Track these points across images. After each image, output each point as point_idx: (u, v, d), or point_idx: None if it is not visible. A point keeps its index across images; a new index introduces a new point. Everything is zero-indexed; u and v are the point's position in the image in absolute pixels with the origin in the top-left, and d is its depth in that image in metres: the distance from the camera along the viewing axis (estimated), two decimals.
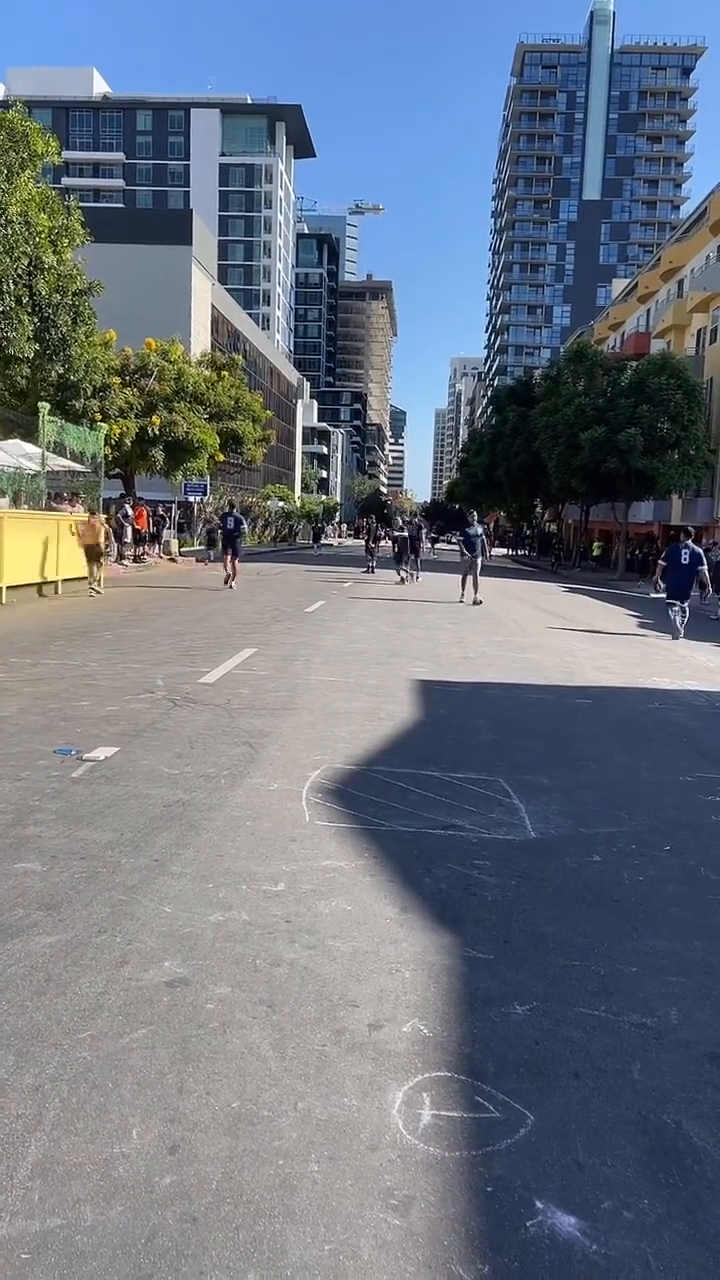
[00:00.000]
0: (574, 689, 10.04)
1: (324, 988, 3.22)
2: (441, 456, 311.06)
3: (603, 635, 16.20)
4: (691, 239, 46.32)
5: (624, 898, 4.23)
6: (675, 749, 7.48)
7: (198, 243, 52.85)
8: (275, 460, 77.91)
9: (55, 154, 18.79)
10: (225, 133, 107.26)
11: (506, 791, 5.81)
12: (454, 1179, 2.33)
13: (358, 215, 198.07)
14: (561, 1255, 2.10)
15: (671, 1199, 2.31)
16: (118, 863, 4.24)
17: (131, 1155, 2.34)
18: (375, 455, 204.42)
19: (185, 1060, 2.75)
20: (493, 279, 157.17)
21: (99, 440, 21.94)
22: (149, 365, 31.52)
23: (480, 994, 3.25)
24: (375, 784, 5.77)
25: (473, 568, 20.51)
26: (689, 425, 34.97)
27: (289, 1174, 2.31)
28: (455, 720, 7.91)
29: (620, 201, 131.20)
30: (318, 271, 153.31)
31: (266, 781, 5.69)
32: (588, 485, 39.15)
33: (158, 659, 10.14)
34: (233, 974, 3.28)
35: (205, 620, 14.33)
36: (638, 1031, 3.09)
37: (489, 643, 13.59)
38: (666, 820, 5.47)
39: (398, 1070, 2.76)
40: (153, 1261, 2.01)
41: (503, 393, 61.84)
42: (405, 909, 3.93)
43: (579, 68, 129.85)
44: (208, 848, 4.49)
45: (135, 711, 7.43)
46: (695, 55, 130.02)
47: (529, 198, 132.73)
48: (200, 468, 34.38)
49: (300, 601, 18.52)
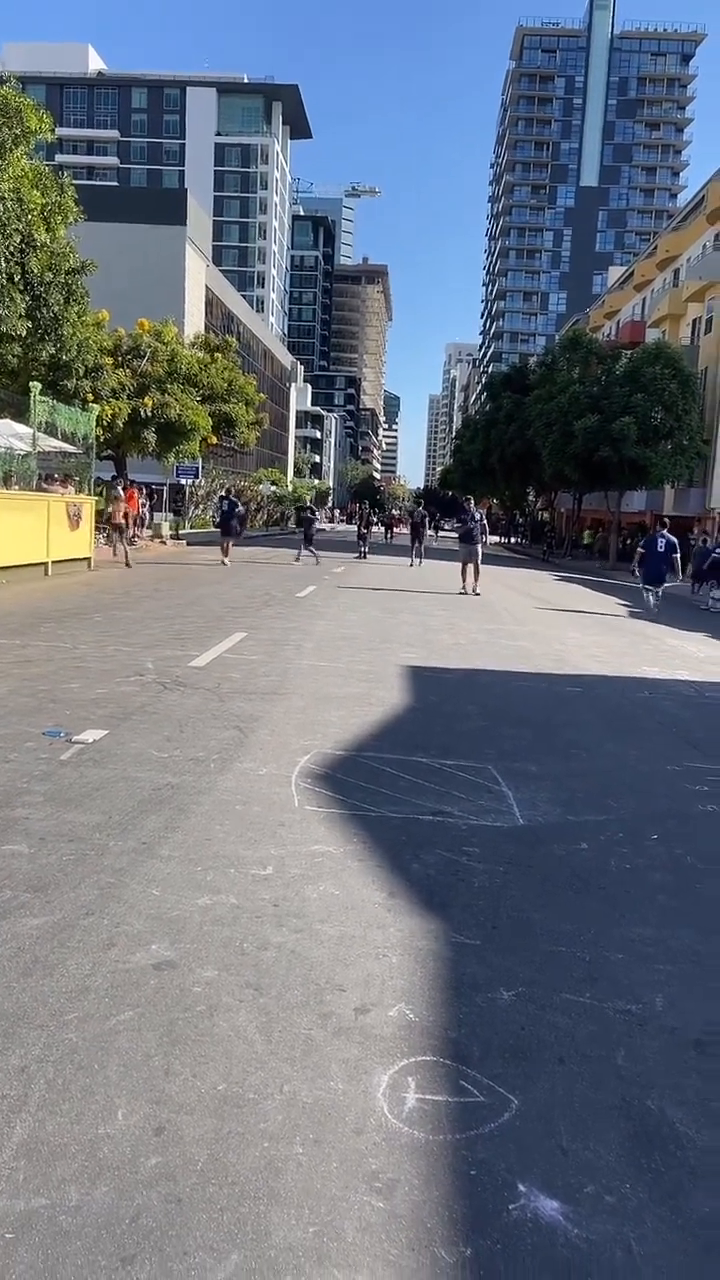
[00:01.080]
0: (564, 677, 10.06)
1: (311, 972, 3.23)
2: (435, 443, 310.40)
3: (593, 623, 16.23)
4: (688, 228, 46.19)
5: (611, 885, 4.25)
6: (664, 738, 7.50)
7: (192, 223, 52.44)
8: (268, 444, 77.62)
9: (49, 130, 18.56)
10: (221, 112, 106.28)
11: (495, 779, 5.83)
12: (438, 1162, 2.34)
13: (354, 198, 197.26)
14: (544, 1239, 2.12)
15: (654, 1184, 2.33)
16: (106, 845, 4.23)
17: (117, 1136, 2.34)
18: (369, 440, 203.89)
19: (172, 1042, 2.75)
20: (489, 265, 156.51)
21: (91, 421, 21.80)
22: (142, 346, 31.30)
23: (466, 979, 3.27)
24: (365, 769, 5.78)
25: (472, 557, 20.09)
26: (683, 415, 34.98)
27: (274, 1156, 2.31)
28: (445, 707, 7.92)
29: (618, 189, 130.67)
30: (313, 254, 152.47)
31: (256, 766, 5.69)
32: (581, 474, 39.16)
33: (148, 642, 10.12)
34: (220, 957, 3.28)
35: (196, 603, 14.29)
36: (623, 1018, 3.10)
37: (480, 630, 13.59)
38: (654, 809, 5.49)
39: (383, 1054, 2.77)
40: (137, 1242, 2.02)
41: (497, 379, 61.73)
42: (393, 894, 3.94)
43: (578, 52, 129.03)
44: (196, 831, 4.49)
45: (125, 694, 7.41)
46: (695, 42, 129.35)
47: (526, 183, 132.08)
48: (192, 450, 34.19)
49: (291, 586, 18.49)
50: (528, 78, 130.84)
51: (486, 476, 61.21)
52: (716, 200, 40.46)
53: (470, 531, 20.32)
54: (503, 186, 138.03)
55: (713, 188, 41.53)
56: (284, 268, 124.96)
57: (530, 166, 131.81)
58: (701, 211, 43.30)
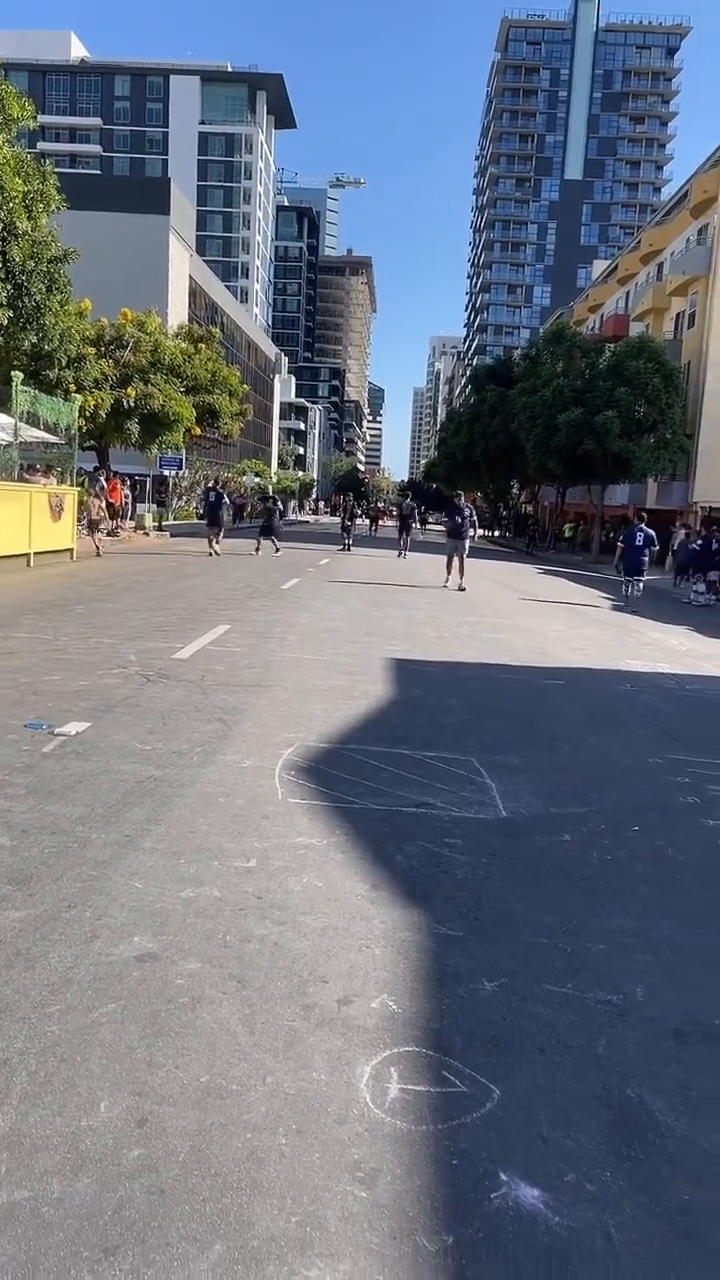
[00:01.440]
0: (547, 670, 10.10)
1: (294, 964, 3.24)
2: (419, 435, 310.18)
3: (575, 616, 16.30)
4: (672, 222, 46.27)
5: (592, 877, 4.27)
6: (646, 731, 7.55)
7: (176, 212, 52.12)
8: (252, 435, 77.38)
9: (31, 118, 18.39)
10: (205, 101, 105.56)
11: (478, 771, 5.85)
12: (420, 1152, 2.35)
13: (338, 189, 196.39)
14: (525, 1227, 2.14)
15: (633, 1172, 2.35)
16: (88, 838, 4.22)
17: (99, 1128, 2.34)
18: (353, 433, 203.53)
19: (155, 1035, 2.75)
20: (473, 257, 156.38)
21: (73, 411, 21.66)
22: (125, 336, 31.11)
23: (449, 970, 3.28)
24: (348, 762, 5.79)
25: (458, 551, 19.87)
26: (666, 409, 35.09)
27: (257, 1147, 2.32)
28: (429, 699, 7.94)
29: (602, 182, 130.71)
30: (297, 245, 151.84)
31: (239, 758, 5.68)
32: (564, 467, 39.23)
33: (131, 633, 10.08)
34: (203, 949, 3.28)
35: (179, 595, 14.25)
36: (604, 1008, 3.13)
37: (463, 623, 13.62)
38: (636, 801, 5.53)
39: (366, 1045, 2.78)
40: (119, 1233, 2.02)
41: (481, 372, 61.74)
42: (376, 886, 3.95)
43: (563, 45, 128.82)
44: (179, 824, 4.49)
45: (107, 686, 7.38)
46: (680, 35, 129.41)
47: (511, 175, 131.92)
48: (176, 442, 34.03)
49: (275, 578, 18.46)
50: (513, 70, 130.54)
51: (470, 469, 61.26)
52: (700, 195, 40.53)
53: (458, 527, 20.04)
54: (487, 179, 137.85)
55: (696, 182, 41.61)
56: (268, 258, 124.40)
57: (515, 159, 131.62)
58: (685, 206, 43.38)
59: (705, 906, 4.06)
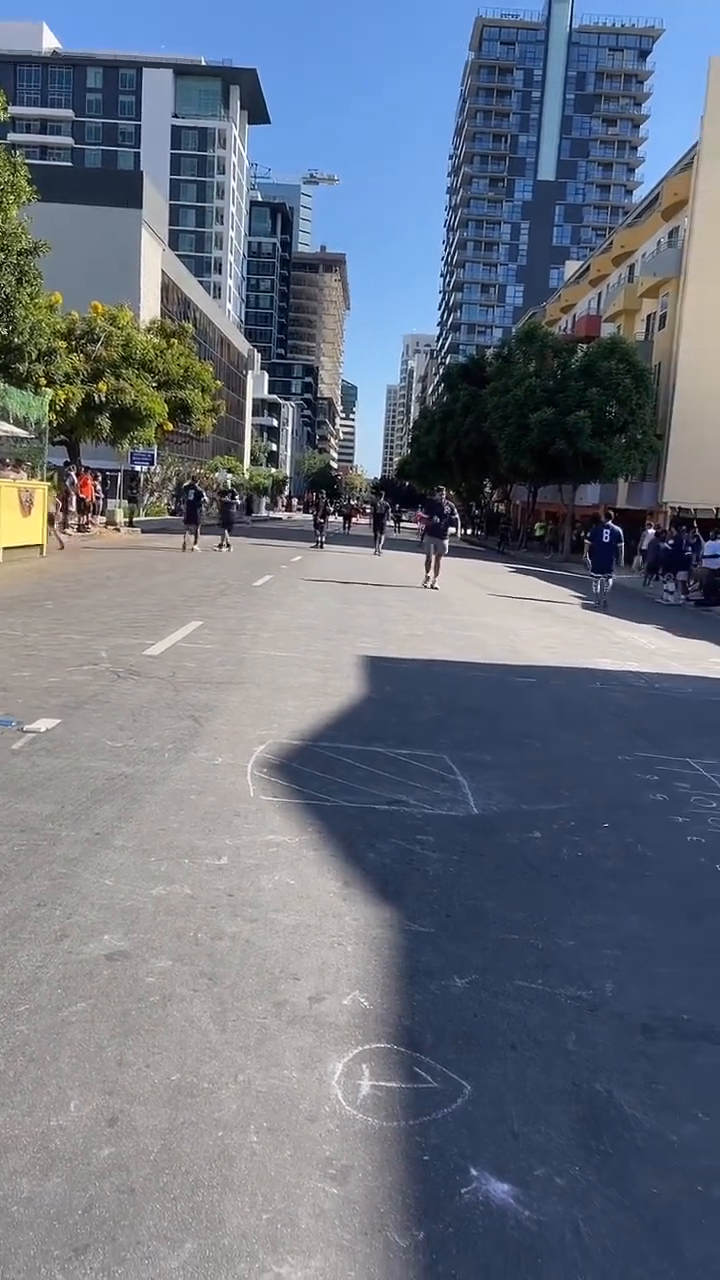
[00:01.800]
0: (518, 668, 10.15)
1: (266, 961, 3.23)
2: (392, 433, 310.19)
3: (547, 615, 16.39)
4: (643, 224, 46.61)
5: (563, 873, 4.30)
6: (615, 729, 7.61)
7: (148, 206, 51.71)
8: (224, 431, 77.01)
9: (1, 109, 18.21)
10: (178, 94, 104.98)
11: (451, 768, 5.87)
12: (391, 1148, 2.36)
13: (312, 185, 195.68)
14: (495, 1221, 2.15)
15: (602, 1166, 2.38)
16: (58, 835, 4.19)
17: (69, 1128, 2.33)
18: (326, 430, 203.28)
19: (125, 1033, 2.74)
20: (447, 256, 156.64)
21: (43, 406, 21.45)
22: (96, 330, 30.85)
23: (421, 967, 3.29)
24: (321, 759, 5.78)
25: (438, 550, 19.24)
26: (636, 410, 35.35)
27: (228, 1145, 2.32)
28: (401, 697, 7.95)
29: (575, 183, 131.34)
30: (271, 241, 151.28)
31: (211, 755, 5.66)
32: (536, 466, 39.39)
33: (101, 630, 10.01)
34: (174, 947, 3.27)
35: (150, 592, 14.16)
36: (573, 1004, 3.15)
37: (436, 620, 13.66)
38: (606, 798, 5.57)
39: (338, 1042, 2.78)
40: (90, 1231, 2.01)
41: (454, 371, 61.82)
42: (348, 883, 3.96)
43: (537, 45, 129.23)
44: (150, 821, 4.46)
45: (78, 683, 7.33)
46: (652, 38, 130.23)
47: (484, 175, 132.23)
48: (148, 437, 33.78)
49: (248, 575, 18.40)
50: (487, 69, 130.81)
51: (443, 468, 61.33)
52: (671, 198, 40.88)
53: (438, 525, 19.41)
54: (461, 178, 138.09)
55: (667, 185, 41.95)
56: (241, 254, 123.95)
57: (488, 159, 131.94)
58: (656, 208, 43.73)
59: (674, 902, 4.11)
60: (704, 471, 36.36)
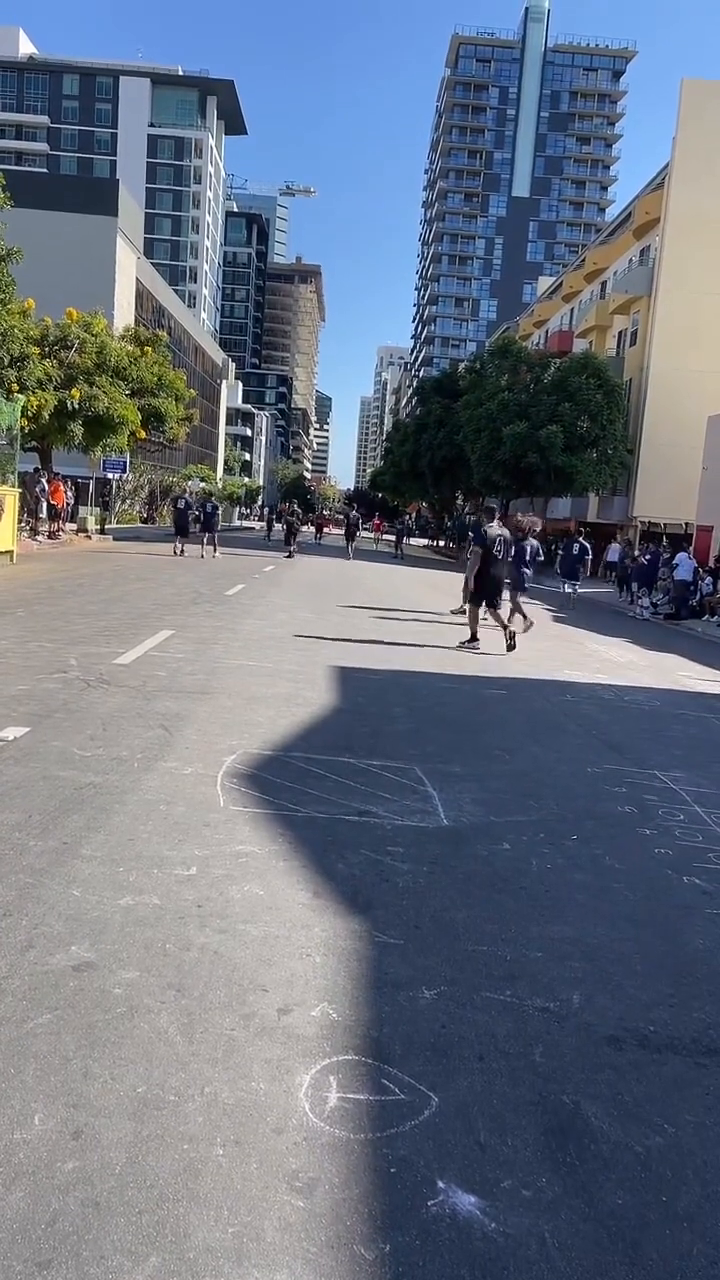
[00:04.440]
0: (489, 679, 10.19)
1: (234, 972, 3.22)
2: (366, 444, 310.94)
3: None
4: (615, 242, 47.22)
5: (532, 885, 4.32)
6: (584, 741, 7.66)
7: (123, 214, 51.60)
8: (198, 440, 76.84)
9: None
10: (155, 103, 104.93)
11: (421, 779, 5.88)
12: (358, 1160, 2.35)
13: (288, 196, 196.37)
14: (461, 1233, 2.15)
15: (568, 1177, 2.38)
16: (25, 845, 4.15)
17: (33, 1141, 2.30)
18: (300, 440, 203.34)
19: (91, 1045, 2.71)
20: (421, 269, 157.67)
21: (15, 412, 21.31)
22: (70, 337, 30.69)
23: (389, 978, 3.29)
24: (291, 770, 5.77)
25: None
26: (608, 425, 35.76)
27: (194, 1158, 2.30)
28: (372, 708, 7.96)
29: (548, 200, 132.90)
30: (246, 251, 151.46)
31: (181, 765, 5.63)
32: (509, 479, 39.70)
33: (72, 638, 9.94)
34: (141, 958, 3.25)
35: (122, 600, 14.08)
36: (541, 1015, 3.16)
37: (407, 630, 13.68)
38: (575, 810, 5.61)
39: (306, 1054, 2.78)
40: (53, 1246, 1.99)
41: (428, 384, 62.23)
42: (318, 894, 3.95)
43: (512, 64, 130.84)
44: (119, 831, 4.43)
45: (47, 691, 7.27)
46: (626, 59, 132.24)
47: (459, 190, 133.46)
48: (120, 444, 33.63)
49: (220, 584, 18.35)
50: (462, 86, 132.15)
51: (416, 480, 61.64)
52: (642, 216, 41.47)
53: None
54: (436, 193, 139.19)
55: (639, 204, 42.56)
56: (216, 264, 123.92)
57: (463, 174, 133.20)
58: (628, 227, 44.33)
59: (641, 914, 4.14)
60: (673, 487, 36.80)
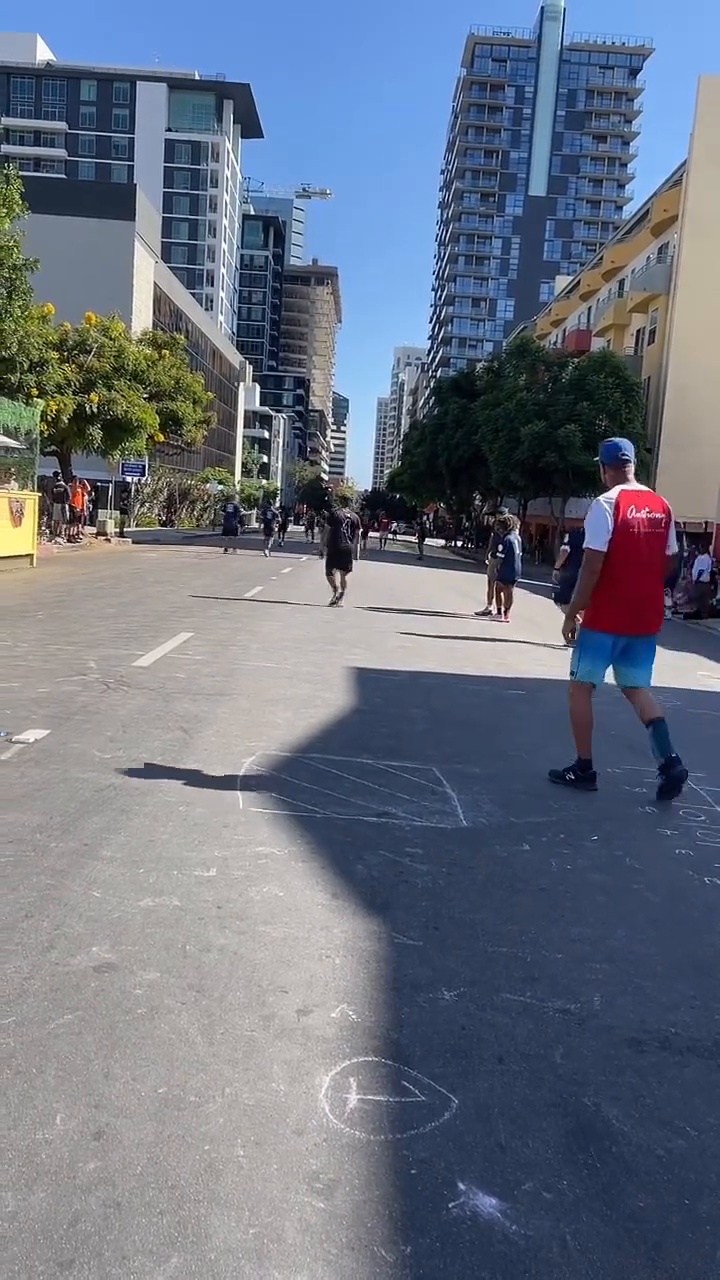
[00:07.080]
0: (508, 680, 10.17)
1: (254, 973, 3.22)
2: (383, 445, 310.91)
3: (534, 627, 16.41)
4: (633, 240, 47.02)
5: (551, 886, 4.30)
6: (604, 741, 7.60)
7: (141, 218, 51.94)
8: (216, 443, 77.13)
9: None
10: (172, 108, 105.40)
11: (440, 780, 5.87)
12: (379, 1162, 2.35)
13: (305, 199, 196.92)
14: (482, 1236, 2.14)
15: (590, 1179, 2.37)
16: (46, 846, 4.18)
17: (55, 1141, 2.32)
18: (317, 441, 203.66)
19: (112, 1046, 2.73)
20: (438, 270, 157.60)
21: (35, 416, 21.45)
22: (88, 341, 30.91)
23: (409, 980, 3.29)
24: (310, 771, 5.78)
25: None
26: (626, 423, 35.59)
27: (214, 1159, 2.31)
28: (390, 709, 7.96)
29: (565, 199, 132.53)
30: (263, 254, 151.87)
31: (200, 767, 5.65)
32: (527, 479, 39.61)
33: (91, 640, 9.99)
34: (162, 959, 3.26)
35: (140, 603, 14.15)
36: (561, 1017, 3.15)
37: (425, 632, 13.67)
38: (594, 811, 5.58)
39: (325, 1055, 2.78)
40: (75, 1246, 2.00)
41: (445, 384, 62.18)
42: (337, 895, 3.95)
43: (528, 63, 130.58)
44: (139, 833, 4.45)
45: (67, 694, 7.31)
46: (642, 56, 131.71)
47: (475, 190, 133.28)
48: (139, 448, 33.83)
49: (239, 586, 18.41)
50: (478, 86, 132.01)
51: (434, 480, 61.63)
52: (660, 214, 41.26)
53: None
54: (452, 193, 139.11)
55: (657, 201, 42.35)
56: (233, 266, 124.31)
57: (480, 174, 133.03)
58: (646, 225, 44.13)
59: (661, 915, 4.11)
60: (692, 485, 36.56)
